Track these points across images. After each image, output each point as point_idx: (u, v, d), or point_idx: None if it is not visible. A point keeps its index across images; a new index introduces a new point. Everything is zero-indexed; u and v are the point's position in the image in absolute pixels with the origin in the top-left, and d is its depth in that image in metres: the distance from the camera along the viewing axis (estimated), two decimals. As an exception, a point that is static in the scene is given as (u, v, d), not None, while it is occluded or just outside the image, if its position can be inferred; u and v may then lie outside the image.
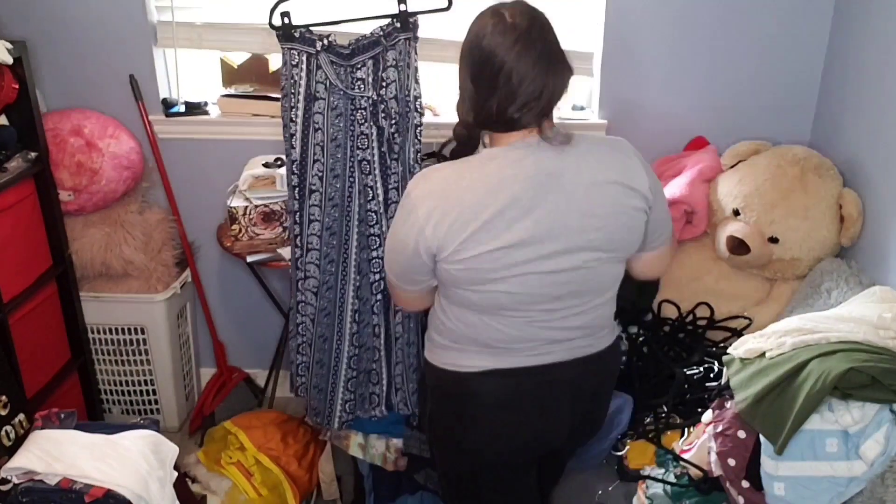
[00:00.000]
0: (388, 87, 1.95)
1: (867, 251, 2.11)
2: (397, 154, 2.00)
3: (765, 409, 1.59)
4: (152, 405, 2.71)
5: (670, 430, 2.00)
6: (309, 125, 1.99)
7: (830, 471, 1.52)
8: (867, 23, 2.15)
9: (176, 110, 2.53)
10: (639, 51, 2.40)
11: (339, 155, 2.01)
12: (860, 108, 2.18)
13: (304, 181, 2.03)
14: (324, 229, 2.06)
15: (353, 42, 1.94)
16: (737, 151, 2.36)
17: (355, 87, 1.95)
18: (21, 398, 2.08)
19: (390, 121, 1.96)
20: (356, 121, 1.97)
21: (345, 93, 1.96)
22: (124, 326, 2.59)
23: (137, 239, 2.50)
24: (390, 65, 1.94)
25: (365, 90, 1.95)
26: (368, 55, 1.95)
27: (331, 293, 2.11)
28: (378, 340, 2.14)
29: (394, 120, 1.96)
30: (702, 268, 2.39)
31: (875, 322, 1.64)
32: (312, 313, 2.13)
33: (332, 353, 2.15)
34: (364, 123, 1.96)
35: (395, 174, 2.02)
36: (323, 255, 2.09)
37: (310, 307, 2.13)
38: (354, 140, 1.99)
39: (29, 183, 2.24)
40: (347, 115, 1.98)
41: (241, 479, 2.22)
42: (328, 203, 2.05)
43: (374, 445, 2.26)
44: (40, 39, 2.41)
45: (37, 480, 1.65)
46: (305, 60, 1.95)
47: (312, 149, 2.01)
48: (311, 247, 2.08)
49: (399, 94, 1.96)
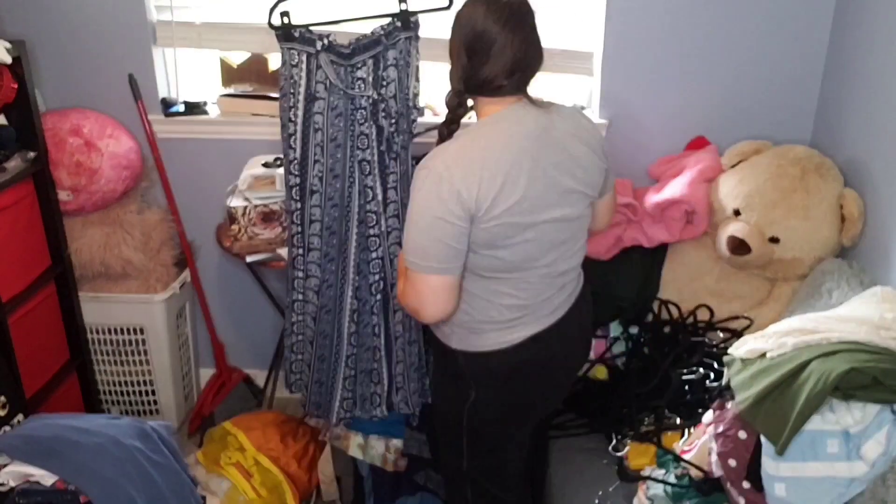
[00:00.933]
0: (388, 87, 1.95)
1: (868, 251, 2.11)
2: (396, 154, 2.00)
3: (766, 410, 1.58)
4: (151, 405, 2.71)
5: (671, 431, 2.00)
6: (309, 125, 1.99)
7: (831, 471, 1.52)
8: (868, 22, 2.15)
9: (175, 110, 2.53)
10: (639, 51, 2.40)
11: (339, 155, 2.01)
12: (861, 108, 2.18)
13: (304, 181, 2.03)
14: (324, 229, 2.06)
15: (353, 41, 1.94)
16: (737, 151, 2.36)
17: (355, 87, 1.95)
18: (20, 398, 2.09)
19: (390, 120, 1.96)
20: (356, 120, 1.97)
21: (345, 92, 1.95)
22: (123, 326, 2.59)
23: (136, 239, 2.50)
24: (391, 64, 1.94)
25: (365, 89, 1.95)
26: (369, 54, 1.94)
27: (331, 291, 2.12)
28: (378, 340, 2.13)
29: (393, 119, 1.96)
30: (702, 268, 2.38)
31: (876, 322, 1.63)
32: (314, 311, 2.14)
33: (333, 349, 2.16)
34: (364, 123, 1.96)
35: (394, 174, 2.02)
36: (323, 254, 2.09)
37: (311, 305, 2.14)
38: (354, 140, 1.99)
39: (28, 183, 2.24)
40: (347, 114, 1.98)
41: (240, 479, 2.21)
42: (328, 203, 2.05)
43: (373, 446, 2.26)
44: (39, 39, 2.41)
45: (33, 482, 1.65)
46: (305, 60, 1.95)
47: (313, 149, 2.01)
48: (313, 246, 2.08)
49: (399, 93, 1.96)
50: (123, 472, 1.73)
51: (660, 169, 2.49)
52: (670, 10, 2.35)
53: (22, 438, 1.74)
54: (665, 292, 2.41)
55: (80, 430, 1.77)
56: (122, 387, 2.68)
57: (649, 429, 2.06)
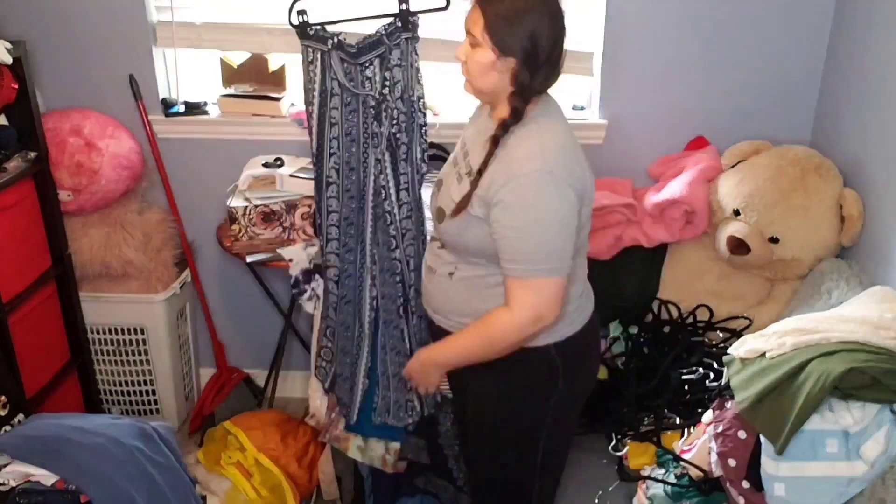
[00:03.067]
0: (394, 87, 1.97)
1: (868, 251, 2.11)
2: (405, 155, 2.02)
3: (765, 410, 1.59)
4: (152, 405, 2.71)
5: (670, 431, 2.00)
6: (325, 119, 2.02)
7: (831, 471, 1.52)
8: (868, 22, 2.15)
9: (175, 110, 2.53)
10: (639, 51, 2.40)
11: (354, 149, 2.04)
12: (861, 108, 2.18)
13: (321, 173, 2.07)
14: (342, 219, 2.09)
15: (360, 41, 1.96)
16: (737, 151, 2.36)
17: (364, 86, 1.98)
18: (20, 398, 2.09)
19: (392, 121, 1.97)
20: (368, 118, 2.00)
21: (352, 91, 1.97)
22: (124, 327, 2.59)
23: (137, 239, 2.50)
24: (395, 64, 1.95)
25: (372, 89, 1.97)
26: (374, 54, 1.97)
27: (350, 281, 2.14)
28: (404, 345, 2.12)
29: (396, 120, 1.97)
30: (702, 268, 2.38)
31: (876, 322, 1.64)
32: (335, 301, 2.16)
33: (354, 342, 2.16)
34: (374, 122, 1.99)
35: (405, 174, 2.03)
36: (342, 244, 2.11)
37: (332, 296, 2.16)
38: (368, 138, 2.01)
39: (28, 183, 2.24)
40: (360, 112, 2.01)
41: (240, 479, 2.21)
42: (345, 195, 2.07)
43: (373, 448, 2.26)
44: (40, 39, 2.41)
45: (34, 482, 1.65)
46: (320, 58, 1.98)
47: (329, 142, 2.04)
48: (331, 237, 2.11)
49: (404, 95, 1.97)
50: (124, 473, 1.73)
51: (659, 169, 2.50)
52: (670, 11, 2.35)
53: (23, 438, 1.75)
54: (665, 292, 2.41)
55: (81, 430, 1.77)
56: (122, 387, 2.68)
57: (649, 428, 2.06)
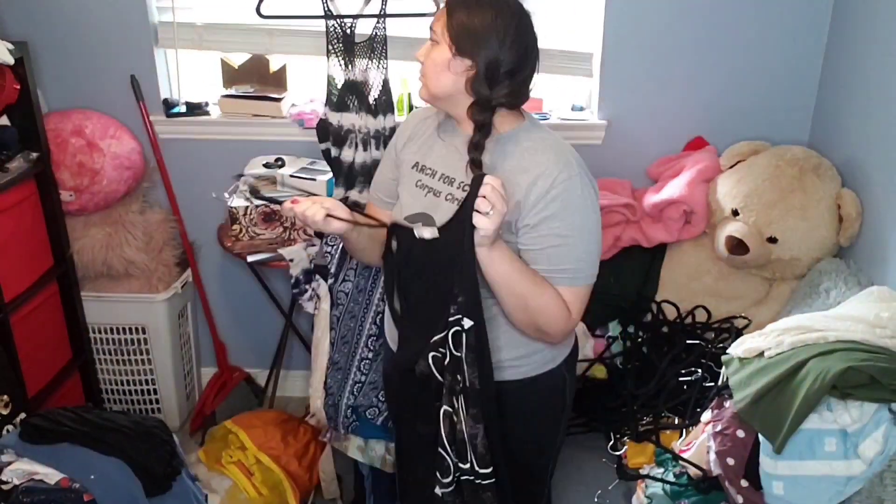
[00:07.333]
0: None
1: (866, 251, 2.11)
2: None
3: (763, 409, 1.59)
4: (153, 404, 2.72)
5: (669, 430, 2.01)
6: None
7: (829, 470, 1.53)
8: (866, 23, 2.15)
9: (177, 111, 2.53)
10: (638, 51, 2.41)
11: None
12: (859, 109, 2.19)
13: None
14: None
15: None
16: (736, 151, 2.37)
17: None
18: (22, 397, 2.09)
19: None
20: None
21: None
22: (125, 326, 2.60)
23: (138, 239, 2.51)
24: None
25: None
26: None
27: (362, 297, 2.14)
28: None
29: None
30: (701, 268, 2.39)
31: (873, 321, 1.64)
32: (339, 313, 2.16)
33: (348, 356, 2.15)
34: None
35: None
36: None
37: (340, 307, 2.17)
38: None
39: (30, 183, 2.24)
40: None
41: (241, 478, 2.22)
42: None
43: (373, 448, 2.26)
44: (42, 40, 2.42)
45: (37, 480, 1.66)
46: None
47: None
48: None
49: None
50: (126, 472, 1.74)
51: (658, 169, 2.50)
52: (669, 11, 2.36)
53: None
54: (663, 292, 2.42)
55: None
56: (123, 386, 2.69)
57: (648, 428, 2.07)
